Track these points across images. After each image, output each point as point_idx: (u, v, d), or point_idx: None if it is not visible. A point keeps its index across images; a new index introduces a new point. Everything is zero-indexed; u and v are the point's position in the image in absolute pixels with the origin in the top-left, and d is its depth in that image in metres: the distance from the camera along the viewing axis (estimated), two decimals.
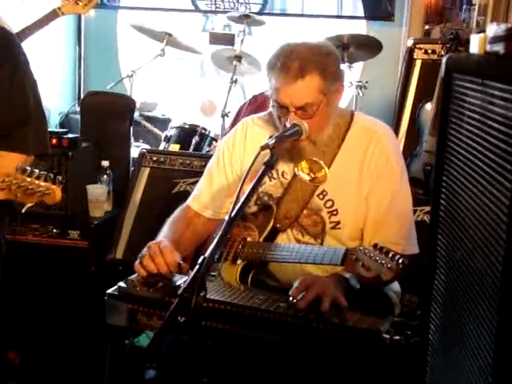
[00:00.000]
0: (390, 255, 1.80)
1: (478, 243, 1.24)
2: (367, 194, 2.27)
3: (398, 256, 1.80)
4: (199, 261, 1.63)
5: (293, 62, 2.15)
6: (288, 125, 2.18)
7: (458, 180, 1.37)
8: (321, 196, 2.30)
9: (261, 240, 2.31)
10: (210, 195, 2.48)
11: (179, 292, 1.55)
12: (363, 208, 2.27)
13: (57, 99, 5.32)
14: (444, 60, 1.45)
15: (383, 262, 1.80)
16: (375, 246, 1.85)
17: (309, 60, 2.15)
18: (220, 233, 1.75)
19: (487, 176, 1.20)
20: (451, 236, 1.41)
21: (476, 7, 4.34)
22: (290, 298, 1.93)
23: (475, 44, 1.29)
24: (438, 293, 1.50)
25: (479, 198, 1.25)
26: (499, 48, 1.14)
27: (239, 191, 1.86)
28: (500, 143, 1.13)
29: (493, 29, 1.20)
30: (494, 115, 1.17)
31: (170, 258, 2.11)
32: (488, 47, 1.22)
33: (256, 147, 2.03)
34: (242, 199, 1.87)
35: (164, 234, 2.36)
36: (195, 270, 1.60)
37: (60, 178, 2.00)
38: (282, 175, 2.37)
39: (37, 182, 1.93)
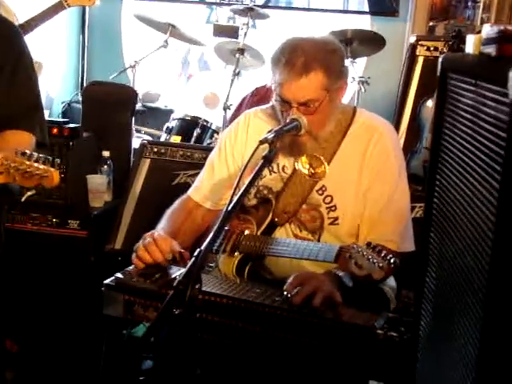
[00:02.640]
0: (382, 254, 1.83)
1: (467, 241, 1.26)
2: (365, 190, 2.29)
3: (390, 256, 1.82)
4: (195, 253, 1.65)
5: (298, 58, 2.16)
6: (288, 119, 2.20)
7: (451, 178, 1.39)
8: (320, 191, 2.33)
9: (259, 233, 2.33)
10: (211, 186, 2.50)
11: (174, 284, 1.57)
12: (361, 204, 2.29)
13: (59, 88, 5.32)
14: (440, 59, 1.47)
15: (375, 261, 1.82)
16: (369, 244, 1.87)
17: (314, 57, 2.17)
18: (217, 225, 1.77)
19: (477, 175, 1.22)
20: (442, 234, 1.43)
21: (481, 4, 4.34)
22: (285, 293, 1.95)
23: (471, 44, 1.31)
24: (429, 290, 1.52)
25: (469, 196, 1.27)
26: (491, 50, 1.16)
27: (237, 184, 1.88)
28: (490, 144, 1.15)
29: (486, 30, 1.22)
30: (485, 116, 1.19)
31: (164, 245, 2.13)
32: (482, 48, 1.23)
33: (257, 139, 2.05)
34: (240, 192, 1.89)
35: (162, 225, 2.38)
36: (191, 262, 1.62)
37: (59, 161, 2.00)
38: (283, 169, 2.39)
39: (35, 164, 1.93)
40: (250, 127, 2.49)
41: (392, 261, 1.81)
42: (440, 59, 1.48)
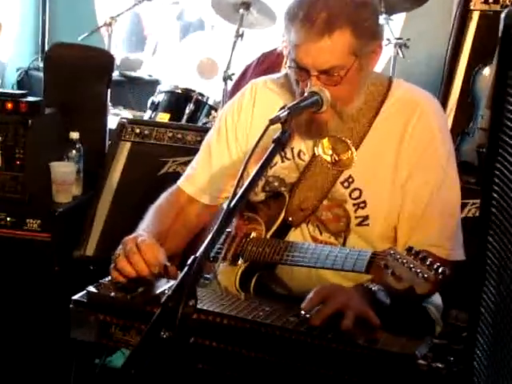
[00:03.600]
0: (428, 262, 1.82)
1: None
2: (404, 182, 2.29)
3: (438, 264, 1.82)
4: (189, 261, 1.65)
5: (319, 13, 2.16)
6: (306, 93, 2.20)
7: None
8: (345, 184, 2.33)
9: (268, 236, 2.34)
10: (208, 176, 2.51)
11: (162, 300, 1.57)
12: (398, 200, 2.29)
13: (14, 52, 5.34)
14: (502, 15, 1.46)
15: (418, 270, 1.82)
16: (409, 249, 1.87)
17: (339, 12, 2.16)
18: (217, 226, 1.77)
19: None
20: (504, 238, 1.43)
21: None
22: (302, 312, 1.95)
23: None
24: (487, 310, 1.52)
25: None
26: None
27: (242, 173, 1.88)
28: None
29: None
30: None
31: (151, 255, 2.13)
32: None
33: (266, 117, 2.03)
34: (245, 184, 1.89)
35: (146, 226, 2.39)
36: (183, 272, 1.62)
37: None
38: (298, 155, 2.40)
39: None
40: (257, 101, 2.49)
41: (440, 270, 1.80)
42: (503, 15, 1.46)
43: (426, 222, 2.27)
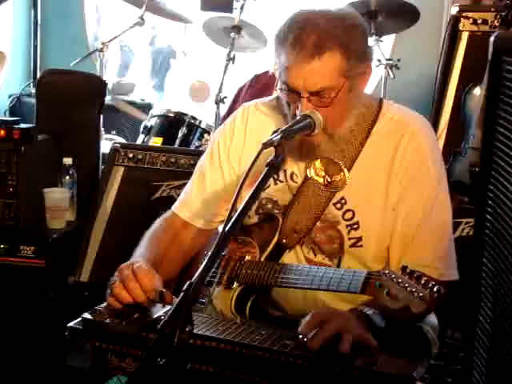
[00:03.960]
0: (423, 281, 1.82)
1: None
2: (396, 203, 2.29)
3: (433, 283, 1.81)
4: (184, 287, 1.65)
5: (309, 35, 2.17)
6: (298, 115, 2.21)
7: (508, 189, 1.39)
8: (338, 205, 2.33)
9: (262, 259, 2.33)
10: (203, 200, 2.50)
11: (159, 326, 1.57)
12: (391, 221, 2.29)
13: (6, 77, 5.34)
14: (492, 38, 1.46)
15: (413, 289, 1.81)
16: (404, 268, 1.87)
17: (329, 34, 2.17)
18: (212, 250, 1.77)
19: None
20: (498, 258, 1.43)
21: None
22: (300, 336, 1.93)
23: None
24: (483, 330, 1.52)
25: None
26: None
27: (236, 198, 1.88)
28: None
29: None
30: None
31: (147, 281, 2.12)
32: None
33: (258, 140, 2.05)
34: (239, 208, 1.89)
35: (141, 252, 2.38)
36: (179, 298, 1.62)
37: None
38: (291, 177, 2.40)
39: None
40: (248, 124, 2.50)
41: (435, 289, 1.79)
42: (492, 38, 1.47)
43: (419, 243, 2.26)
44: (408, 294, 1.82)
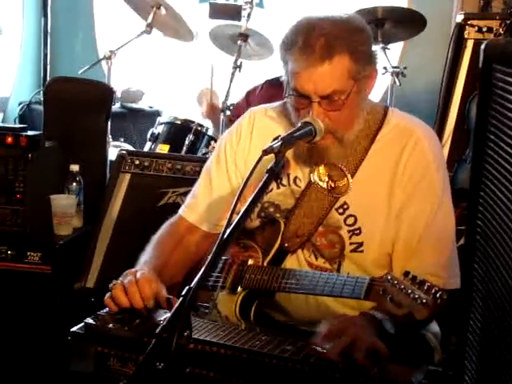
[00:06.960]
0: (426, 287, 1.81)
1: None
2: (399, 210, 2.29)
3: (436, 289, 1.81)
4: (183, 292, 1.66)
5: (317, 39, 2.17)
6: (300, 123, 2.21)
7: (499, 197, 1.38)
8: (341, 210, 2.33)
9: (265, 263, 2.34)
10: (209, 204, 2.52)
11: (157, 331, 1.58)
12: (393, 228, 2.29)
13: (16, 85, 5.36)
14: (482, 46, 1.45)
15: (417, 296, 1.81)
16: (406, 274, 1.86)
17: (336, 37, 2.18)
18: (211, 255, 1.78)
19: None
20: (488, 265, 1.42)
21: None
22: (318, 348, 1.91)
23: None
24: (474, 337, 1.51)
25: None
26: None
27: (236, 202, 1.89)
28: None
29: None
30: None
31: (147, 289, 2.13)
32: None
33: (265, 145, 2.05)
34: (240, 213, 1.90)
35: (146, 258, 2.39)
36: (178, 303, 1.63)
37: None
38: (294, 182, 2.41)
39: None
40: (255, 128, 2.51)
41: (438, 295, 1.79)
42: (482, 46, 1.46)
43: (422, 251, 2.26)
44: (411, 300, 1.82)
